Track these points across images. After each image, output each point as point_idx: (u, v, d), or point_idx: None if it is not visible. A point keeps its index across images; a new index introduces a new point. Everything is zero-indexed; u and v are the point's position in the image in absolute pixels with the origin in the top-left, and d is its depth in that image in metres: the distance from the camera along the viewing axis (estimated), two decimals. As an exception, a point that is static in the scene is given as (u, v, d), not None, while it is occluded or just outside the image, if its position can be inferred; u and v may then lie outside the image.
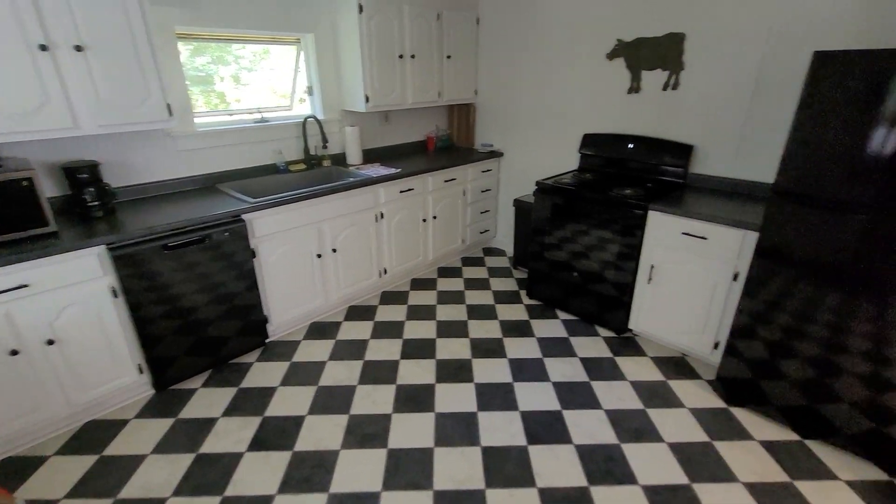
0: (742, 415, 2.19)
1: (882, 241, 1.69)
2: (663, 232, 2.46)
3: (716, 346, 2.43)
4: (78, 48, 1.92)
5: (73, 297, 1.91)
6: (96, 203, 2.17)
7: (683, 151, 2.78)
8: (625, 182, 2.91)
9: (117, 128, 2.11)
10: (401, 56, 3.17)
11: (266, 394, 2.33)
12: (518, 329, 2.91)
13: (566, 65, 3.27)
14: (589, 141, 3.20)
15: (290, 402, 2.28)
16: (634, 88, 2.97)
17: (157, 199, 2.50)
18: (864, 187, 1.69)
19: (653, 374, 2.49)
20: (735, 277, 2.26)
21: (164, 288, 2.16)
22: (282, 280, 2.65)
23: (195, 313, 2.30)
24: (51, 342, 1.89)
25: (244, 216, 2.37)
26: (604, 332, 2.87)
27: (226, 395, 2.32)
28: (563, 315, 3.07)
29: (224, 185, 2.77)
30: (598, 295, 2.84)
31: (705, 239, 2.31)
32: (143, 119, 2.17)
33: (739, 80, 2.54)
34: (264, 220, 2.46)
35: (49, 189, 2.24)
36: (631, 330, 2.85)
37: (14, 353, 1.81)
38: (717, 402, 2.27)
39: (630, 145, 2.99)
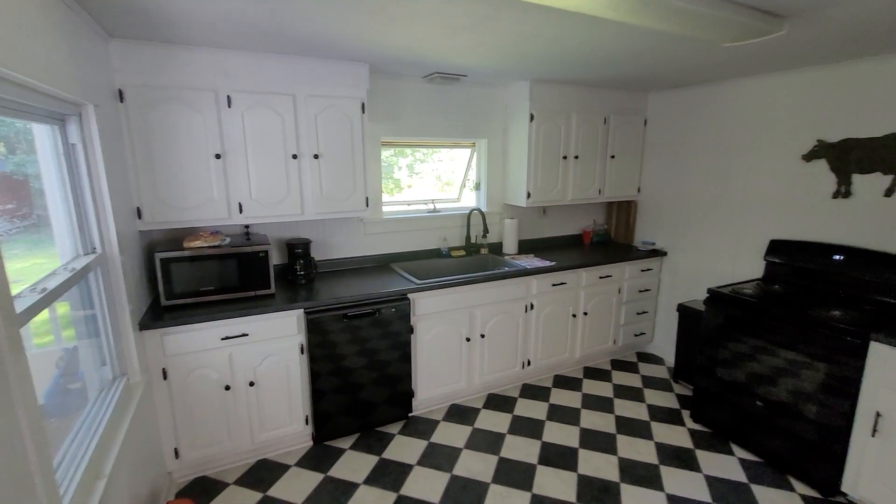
0: None
1: None
2: (894, 372, 1.93)
3: None
4: (316, 156, 2.52)
5: (273, 349, 2.32)
6: (303, 273, 2.67)
7: (921, 271, 2.22)
8: (828, 300, 2.41)
9: (328, 215, 2.64)
10: (564, 157, 3.34)
11: (403, 470, 2.38)
12: (679, 458, 2.49)
13: (747, 165, 3.01)
14: (778, 248, 2.80)
15: (424, 484, 2.28)
16: (842, 193, 2.56)
17: (345, 273, 2.96)
18: None
19: (884, 566, 1.83)
20: None
21: (334, 348, 2.47)
22: (431, 358, 2.80)
23: (354, 375, 2.55)
24: (252, 384, 2.29)
25: (409, 295, 2.64)
26: (801, 488, 2.26)
27: (368, 462, 2.44)
28: (739, 452, 2.53)
29: (396, 264, 3.15)
30: (792, 435, 2.29)
31: (968, 391, 1.73)
32: (348, 209, 2.68)
33: None
34: (425, 301, 2.70)
35: (273, 259, 2.84)
36: (846, 494, 2.18)
37: (227, 388, 2.24)
38: None
39: (837, 257, 2.52)
